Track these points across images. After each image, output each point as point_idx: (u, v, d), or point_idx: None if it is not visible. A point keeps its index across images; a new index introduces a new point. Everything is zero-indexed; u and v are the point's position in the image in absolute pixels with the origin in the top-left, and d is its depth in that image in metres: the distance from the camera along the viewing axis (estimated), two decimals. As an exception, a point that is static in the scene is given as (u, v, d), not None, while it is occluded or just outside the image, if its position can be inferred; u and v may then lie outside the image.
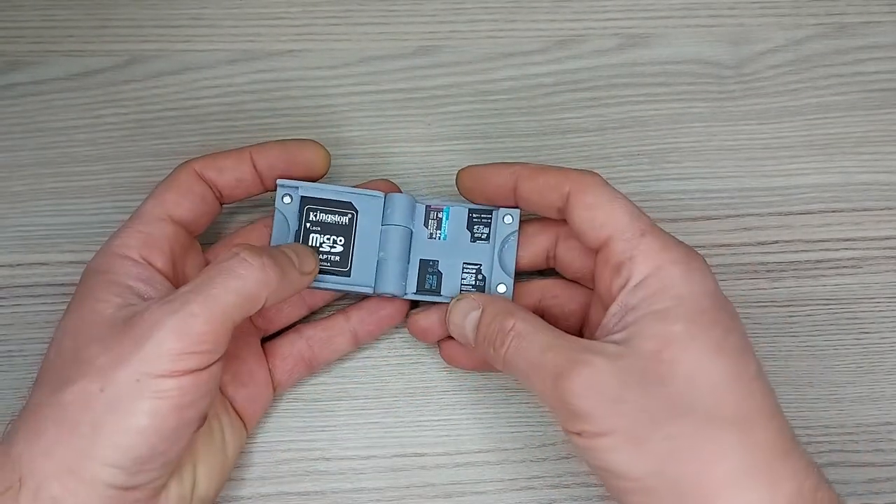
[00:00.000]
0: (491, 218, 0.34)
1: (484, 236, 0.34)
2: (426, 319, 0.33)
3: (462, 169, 0.33)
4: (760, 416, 0.26)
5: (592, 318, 0.33)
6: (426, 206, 0.34)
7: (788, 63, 0.39)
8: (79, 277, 0.36)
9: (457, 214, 0.34)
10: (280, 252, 0.30)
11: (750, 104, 0.39)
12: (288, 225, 0.33)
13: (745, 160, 0.38)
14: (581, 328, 0.34)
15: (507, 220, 0.33)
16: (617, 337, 0.28)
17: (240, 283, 0.27)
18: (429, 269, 0.34)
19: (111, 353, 0.26)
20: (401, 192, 0.34)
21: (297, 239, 0.33)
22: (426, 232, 0.34)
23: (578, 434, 0.27)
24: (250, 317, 0.34)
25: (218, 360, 0.27)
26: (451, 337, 0.33)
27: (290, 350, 0.34)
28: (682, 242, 0.29)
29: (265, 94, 0.38)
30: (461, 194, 0.34)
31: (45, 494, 0.26)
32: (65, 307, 0.35)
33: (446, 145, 0.38)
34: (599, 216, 0.29)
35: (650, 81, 0.39)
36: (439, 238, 0.34)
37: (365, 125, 0.38)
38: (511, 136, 0.38)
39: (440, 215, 0.34)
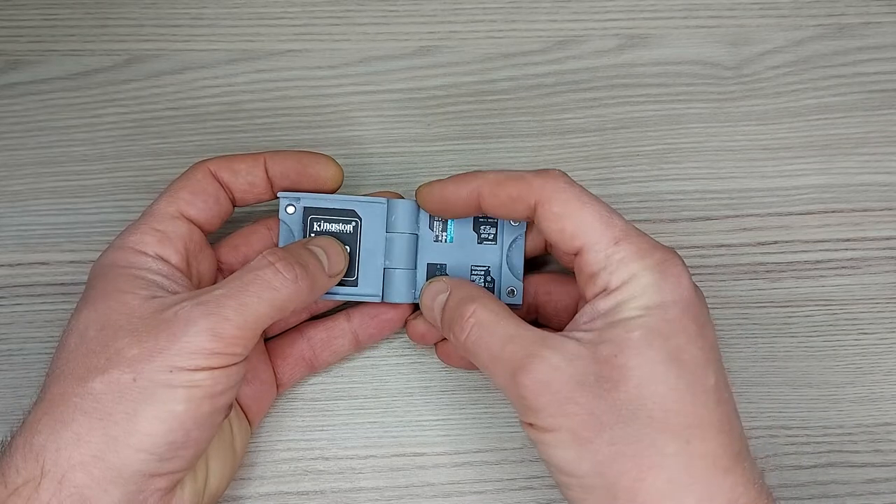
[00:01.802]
0: (497, 219, 0.34)
1: (491, 237, 0.34)
2: (424, 324, 0.33)
3: (420, 187, 0.32)
4: (708, 429, 0.26)
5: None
6: None
7: (788, 64, 0.39)
8: (78, 277, 0.36)
9: None
10: (311, 257, 0.30)
11: (750, 105, 0.39)
12: (293, 235, 0.33)
13: (745, 161, 0.38)
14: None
15: (514, 221, 0.33)
16: (580, 335, 0.28)
17: (273, 295, 0.28)
18: (437, 273, 0.34)
19: (144, 345, 0.27)
20: (403, 198, 0.34)
21: None
22: (432, 235, 0.34)
23: (530, 426, 0.27)
24: None
25: (244, 359, 0.28)
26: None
27: (291, 350, 0.34)
28: (659, 245, 0.29)
29: (265, 94, 0.38)
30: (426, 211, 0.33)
31: (68, 484, 0.26)
32: (64, 307, 0.36)
33: (446, 145, 0.38)
34: (569, 226, 0.29)
35: (650, 82, 0.39)
36: (445, 241, 0.34)
37: (365, 125, 0.38)
38: (511, 136, 0.38)
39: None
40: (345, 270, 0.32)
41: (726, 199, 0.38)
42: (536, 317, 0.35)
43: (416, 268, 0.33)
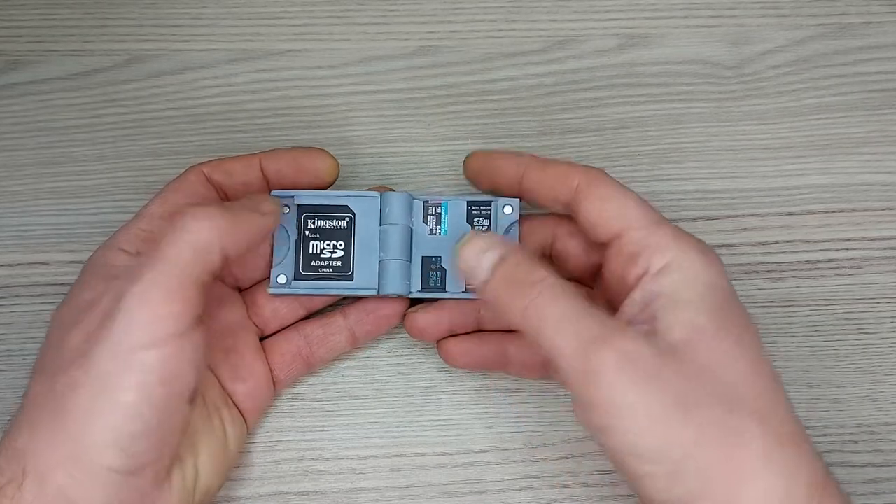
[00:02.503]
0: (490, 209, 0.34)
1: (485, 228, 0.34)
2: (424, 318, 0.33)
3: (472, 153, 0.34)
4: (779, 409, 0.27)
5: None
6: (423, 202, 0.34)
7: (789, 63, 0.39)
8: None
9: (455, 207, 0.34)
10: (232, 202, 0.30)
11: (750, 104, 0.39)
12: (288, 235, 0.33)
13: (745, 160, 0.38)
14: None
15: (507, 210, 0.33)
16: (643, 322, 0.28)
17: (192, 237, 0.27)
18: (431, 266, 0.33)
19: (84, 333, 0.27)
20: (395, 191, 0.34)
21: (297, 248, 0.33)
22: (426, 228, 0.34)
23: (598, 408, 0.26)
24: (248, 314, 0.34)
25: (194, 324, 0.27)
26: (449, 336, 0.33)
27: (287, 347, 0.34)
28: (692, 234, 0.29)
29: (265, 94, 0.38)
30: (465, 177, 0.34)
31: (50, 484, 0.26)
32: (64, 307, 0.36)
33: (446, 145, 0.38)
34: (611, 207, 0.30)
35: (650, 82, 0.39)
36: (440, 233, 0.34)
37: (365, 125, 0.38)
38: (511, 136, 0.38)
39: (438, 210, 0.34)
40: (277, 211, 0.31)
41: (727, 199, 0.37)
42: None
43: (410, 260, 0.33)
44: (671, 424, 0.25)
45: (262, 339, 0.34)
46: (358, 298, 0.34)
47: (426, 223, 0.34)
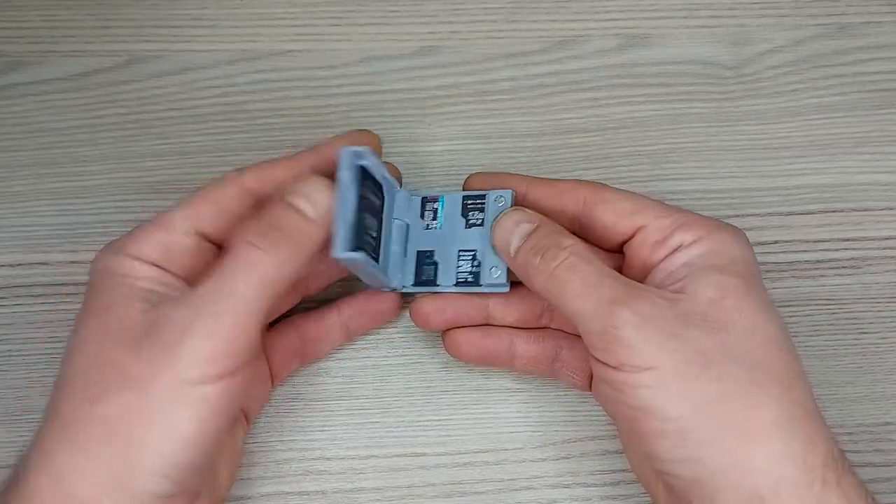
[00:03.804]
0: (485, 201, 0.33)
1: (479, 222, 0.33)
2: (430, 304, 0.33)
3: (472, 175, 0.34)
4: (800, 380, 0.27)
5: None
6: (422, 198, 0.34)
7: (789, 63, 0.39)
8: (78, 278, 0.36)
9: (452, 201, 0.33)
10: (288, 211, 0.28)
11: (750, 104, 0.39)
12: (348, 196, 0.29)
13: (745, 160, 0.38)
14: None
15: (500, 202, 0.32)
16: (671, 286, 0.28)
17: (259, 272, 0.27)
18: (426, 261, 0.33)
19: (145, 361, 0.26)
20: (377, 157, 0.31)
21: (357, 213, 0.29)
22: (422, 224, 0.34)
23: (616, 368, 0.26)
24: None
25: (252, 357, 0.27)
26: (454, 327, 0.33)
27: (283, 343, 0.34)
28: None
29: (265, 94, 0.38)
30: None
31: None
32: (64, 307, 0.36)
33: (446, 145, 0.38)
34: (628, 206, 0.30)
35: (650, 82, 0.39)
36: (435, 228, 0.33)
37: (365, 125, 0.38)
38: (511, 136, 0.38)
39: (436, 205, 0.34)
40: (329, 207, 0.28)
41: (727, 199, 0.37)
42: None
43: (406, 255, 0.33)
44: (687, 380, 0.26)
45: None
46: (352, 293, 0.34)
47: (423, 219, 0.34)
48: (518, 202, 0.32)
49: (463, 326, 0.33)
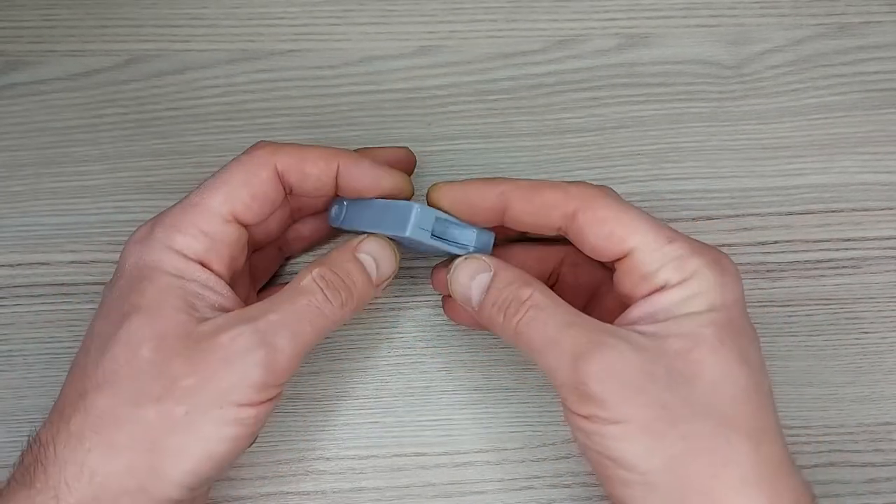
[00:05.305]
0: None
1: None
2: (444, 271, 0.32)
3: (435, 186, 0.30)
4: (771, 433, 0.27)
5: (606, 301, 0.32)
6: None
7: (788, 63, 0.39)
8: (79, 278, 0.36)
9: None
10: (359, 272, 0.29)
11: (750, 104, 0.39)
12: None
13: (745, 160, 0.38)
14: (586, 306, 0.33)
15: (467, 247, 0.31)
16: (644, 328, 0.27)
17: (324, 322, 0.28)
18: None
19: (197, 375, 0.26)
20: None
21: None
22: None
23: (586, 418, 0.26)
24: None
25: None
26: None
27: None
28: (709, 245, 0.28)
29: (265, 94, 0.38)
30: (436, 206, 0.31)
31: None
32: (65, 307, 0.36)
33: (446, 145, 0.38)
34: (618, 229, 0.28)
35: (650, 81, 0.39)
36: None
37: (365, 125, 0.38)
38: (511, 136, 0.38)
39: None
40: (393, 276, 0.31)
41: (727, 199, 0.37)
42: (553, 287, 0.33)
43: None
44: (654, 435, 0.25)
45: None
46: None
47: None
48: (496, 219, 0.30)
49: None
